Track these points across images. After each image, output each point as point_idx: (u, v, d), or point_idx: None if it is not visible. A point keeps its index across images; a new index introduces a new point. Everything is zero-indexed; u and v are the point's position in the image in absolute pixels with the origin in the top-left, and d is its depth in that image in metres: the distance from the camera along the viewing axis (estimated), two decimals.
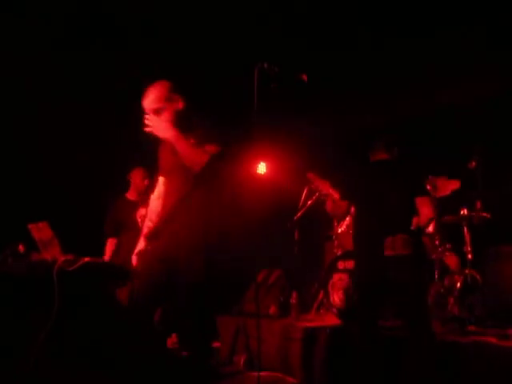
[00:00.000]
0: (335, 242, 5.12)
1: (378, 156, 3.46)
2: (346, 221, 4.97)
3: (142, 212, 4.31)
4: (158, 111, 2.78)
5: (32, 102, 4.85)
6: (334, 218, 4.12)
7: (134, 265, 3.00)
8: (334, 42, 4.72)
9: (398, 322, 3.76)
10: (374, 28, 4.54)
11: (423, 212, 3.22)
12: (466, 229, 4.41)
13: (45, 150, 5.00)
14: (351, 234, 4.82)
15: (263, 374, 3.75)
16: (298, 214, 5.07)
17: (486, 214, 4.36)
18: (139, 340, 2.66)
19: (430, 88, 5.45)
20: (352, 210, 3.80)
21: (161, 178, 3.06)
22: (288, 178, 6.13)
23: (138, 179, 4.78)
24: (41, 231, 3.26)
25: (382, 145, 3.47)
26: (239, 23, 4.48)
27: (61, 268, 2.89)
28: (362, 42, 4.74)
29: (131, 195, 4.82)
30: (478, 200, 4.38)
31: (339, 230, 4.99)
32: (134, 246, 3.07)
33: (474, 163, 4.41)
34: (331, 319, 4.48)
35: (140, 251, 3.00)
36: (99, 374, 2.70)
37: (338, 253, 4.93)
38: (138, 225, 4.27)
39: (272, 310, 4.75)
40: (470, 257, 4.31)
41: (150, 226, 3.02)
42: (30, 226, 3.27)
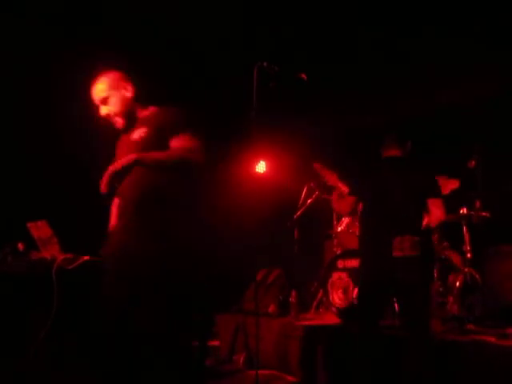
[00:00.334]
0: (335, 241, 5.11)
1: (390, 152, 3.36)
2: (345, 220, 4.96)
3: None
4: (104, 101, 2.72)
5: (32, 101, 4.84)
6: (339, 213, 3.94)
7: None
8: (333, 42, 4.72)
9: (397, 322, 3.76)
10: (374, 28, 4.53)
11: (434, 213, 3.16)
12: (465, 228, 4.40)
13: (45, 149, 4.99)
14: (351, 232, 4.84)
15: (262, 372, 3.76)
16: (298, 213, 5.07)
17: (486, 214, 4.36)
18: (139, 340, 2.66)
19: (430, 88, 5.45)
20: (358, 208, 3.71)
21: None
22: (288, 177, 6.13)
23: None
24: (40, 230, 3.26)
25: (394, 139, 3.36)
26: (239, 23, 4.48)
27: (60, 267, 2.90)
28: (362, 42, 4.74)
29: None
30: (477, 199, 4.37)
31: (339, 229, 4.98)
32: None
33: (473, 162, 4.40)
34: (330, 318, 4.49)
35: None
36: (99, 374, 2.70)
37: (338, 252, 4.93)
38: None
39: (271, 309, 4.76)
40: (469, 256, 4.30)
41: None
42: (29, 225, 3.27)
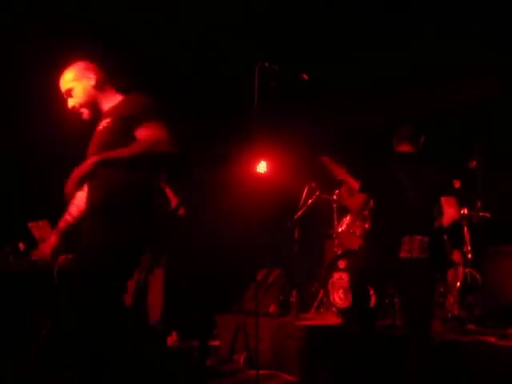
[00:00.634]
0: (335, 241, 5.11)
1: (403, 147, 3.24)
2: (346, 220, 4.96)
3: None
4: (69, 92, 2.66)
5: (32, 101, 4.84)
6: (349, 209, 3.81)
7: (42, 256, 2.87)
8: (333, 42, 4.72)
9: (397, 322, 3.76)
10: (374, 28, 4.53)
11: (448, 212, 3.04)
12: (465, 228, 4.41)
13: (45, 149, 5.00)
14: (352, 233, 4.85)
15: (262, 372, 3.76)
16: (299, 213, 5.08)
17: (486, 214, 4.36)
18: (139, 339, 2.66)
19: (430, 88, 5.45)
20: (370, 205, 3.55)
21: None
22: (289, 177, 6.13)
23: None
24: (41, 229, 3.27)
25: (407, 135, 3.23)
26: (239, 23, 4.48)
27: (61, 266, 2.90)
28: (361, 42, 4.74)
29: None
30: (478, 199, 4.38)
31: (339, 229, 4.98)
32: None
33: (474, 163, 4.41)
34: (331, 318, 4.49)
35: (53, 246, 2.85)
36: (99, 374, 2.70)
37: (339, 252, 4.93)
38: None
39: (272, 309, 4.76)
40: (469, 256, 4.31)
41: (68, 220, 2.80)
42: (30, 225, 3.28)
